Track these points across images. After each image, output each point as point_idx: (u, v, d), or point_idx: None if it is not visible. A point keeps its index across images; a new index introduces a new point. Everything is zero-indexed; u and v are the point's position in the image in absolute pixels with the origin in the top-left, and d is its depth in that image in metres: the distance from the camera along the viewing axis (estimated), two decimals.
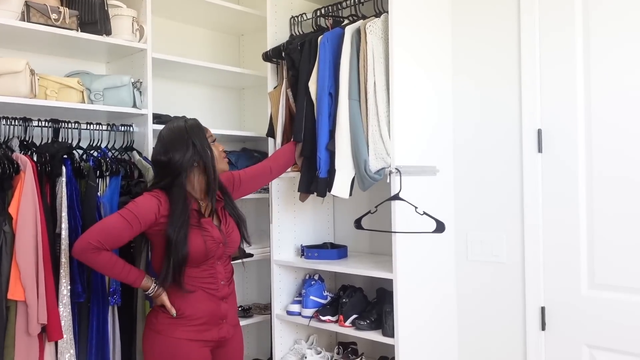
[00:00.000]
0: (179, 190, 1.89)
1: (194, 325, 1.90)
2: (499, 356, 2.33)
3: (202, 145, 1.94)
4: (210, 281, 1.94)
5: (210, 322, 1.94)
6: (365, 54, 2.14)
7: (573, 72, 2.12)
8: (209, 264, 1.94)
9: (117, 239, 1.84)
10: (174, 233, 1.83)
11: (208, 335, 1.93)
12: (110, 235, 1.82)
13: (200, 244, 1.89)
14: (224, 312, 1.97)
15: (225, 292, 1.98)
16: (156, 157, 1.96)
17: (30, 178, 1.98)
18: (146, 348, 1.94)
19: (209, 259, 1.93)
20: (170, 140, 1.94)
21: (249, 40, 3.31)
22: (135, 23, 2.43)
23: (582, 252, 2.11)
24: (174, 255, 1.84)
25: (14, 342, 1.94)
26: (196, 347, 1.90)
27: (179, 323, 1.89)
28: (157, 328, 1.90)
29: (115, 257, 1.87)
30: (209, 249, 1.91)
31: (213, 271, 1.95)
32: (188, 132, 1.94)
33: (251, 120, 3.30)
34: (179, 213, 1.85)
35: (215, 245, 1.93)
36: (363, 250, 2.79)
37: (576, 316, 2.13)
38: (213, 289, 1.94)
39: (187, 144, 1.92)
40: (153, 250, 1.99)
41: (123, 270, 1.88)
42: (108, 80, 2.37)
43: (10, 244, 1.95)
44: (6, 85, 2.03)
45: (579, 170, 2.11)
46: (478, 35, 2.38)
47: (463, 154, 2.43)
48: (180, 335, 1.88)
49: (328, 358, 2.56)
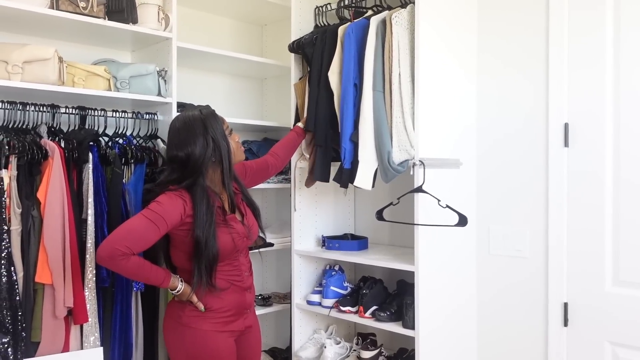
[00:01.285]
0: (202, 190, 1.82)
1: (222, 317, 1.90)
2: (519, 351, 2.32)
3: (220, 138, 1.86)
4: (236, 273, 1.94)
5: (237, 313, 1.95)
6: (391, 45, 2.13)
7: (602, 64, 2.09)
8: (234, 257, 1.94)
9: (143, 242, 1.74)
10: (202, 234, 1.77)
11: (234, 326, 1.94)
12: (137, 239, 1.71)
13: (229, 241, 1.86)
14: (249, 302, 1.99)
15: (249, 282, 2.00)
16: (173, 153, 1.86)
17: (58, 164, 2.02)
18: (172, 341, 1.91)
19: (233, 254, 1.93)
20: (187, 133, 1.84)
21: (272, 30, 3.31)
22: (161, 12, 2.45)
23: (607, 248, 2.08)
24: (205, 256, 1.79)
25: (41, 325, 1.99)
26: (224, 338, 1.90)
27: (206, 316, 1.88)
28: (183, 321, 1.87)
29: (142, 260, 1.78)
30: (237, 244, 1.89)
31: (237, 263, 1.95)
32: (205, 124, 1.85)
33: (273, 110, 3.31)
34: (205, 213, 1.79)
35: (241, 240, 1.92)
36: (383, 242, 2.79)
37: (599, 313, 2.10)
38: (238, 280, 1.95)
39: (205, 137, 1.83)
40: (174, 247, 1.91)
41: (150, 273, 1.80)
42: (134, 68, 2.39)
43: (38, 229, 1.99)
44: (35, 72, 2.06)
45: (606, 165, 2.08)
46: (504, 25, 2.35)
47: (486, 147, 2.41)
48: (207, 327, 1.87)
49: (347, 348, 2.58)
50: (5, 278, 1.91)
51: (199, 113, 1.89)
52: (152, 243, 1.76)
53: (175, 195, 1.79)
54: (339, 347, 2.54)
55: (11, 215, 1.95)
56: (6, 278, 1.92)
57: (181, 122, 1.89)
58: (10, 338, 1.90)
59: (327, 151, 2.35)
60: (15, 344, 1.92)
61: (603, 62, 2.09)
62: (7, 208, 1.94)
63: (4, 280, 1.91)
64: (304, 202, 2.67)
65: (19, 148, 1.98)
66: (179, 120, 1.90)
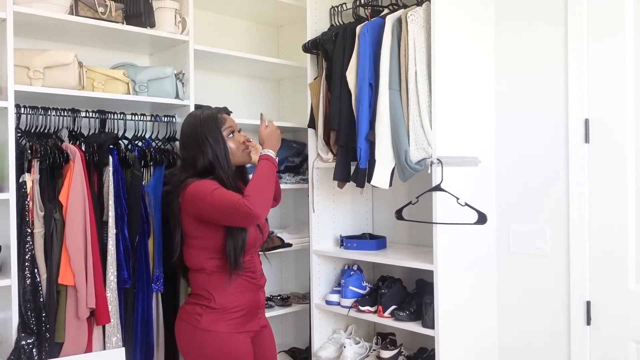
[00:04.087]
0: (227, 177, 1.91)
1: (236, 318, 1.92)
2: (541, 350, 2.29)
3: (214, 141, 1.92)
4: (252, 270, 1.97)
5: (250, 313, 1.96)
6: (407, 43, 2.12)
7: (623, 58, 2.05)
8: (250, 254, 1.96)
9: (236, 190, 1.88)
10: None
11: (249, 326, 1.96)
12: (232, 194, 1.81)
13: (253, 231, 1.92)
14: (262, 301, 2.02)
15: (263, 281, 2.03)
16: (182, 153, 2.02)
17: (79, 167, 2.05)
18: (190, 346, 1.91)
19: (251, 248, 1.95)
20: (188, 135, 1.97)
21: (288, 31, 3.32)
22: (177, 15, 2.47)
23: (630, 246, 2.05)
24: (235, 240, 1.86)
25: (64, 326, 2.02)
26: (242, 338, 1.92)
27: (221, 317, 1.89)
28: (202, 325, 1.88)
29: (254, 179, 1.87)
30: (257, 237, 1.95)
31: (253, 261, 1.98)
32: (202, 127, 1.93)
33: (290, 111, 3.32)
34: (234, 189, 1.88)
35: (259, 235, 1.96)
36: (402, 241, 2.78)
37: (623, 311, 2.07)
38: (253, 278, 1.97)
39: (202, 140, 1.91)
40: (193, 247, 1.94)
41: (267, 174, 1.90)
42: (152, 71, 2.42)
43: (61, 231, 2.02)
44: (56, 77, 2.10)
45: (628, 162, 2.05)
46: (522, 20, 2.32)
47: (505, 144, 2.38)
48: (225, 329, 1.88)
49: (367, 348, 2.57)
50: (29, 280, 1.95)
51: (200, 114, 1.97)
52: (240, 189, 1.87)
53: (207, 179, 1.87)
54: (358, 347, 2.54)
55: (34, 219, 1.99)
56: (30, 280, 1.95)
57: (186, 123, 2.00)
58: (35, 339, 1.93)
59: (347, 151, 2.34)
60: (40, 344, 1.96)
61: (624, 56, 2.05)
62: (30, 211, 1.98)
63: (28, 282, 1.95)
64: (322, 202, 2.68)
65: (41, 152, 2.02)
66: (185, 120, 2.01)
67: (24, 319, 1.93)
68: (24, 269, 1.94)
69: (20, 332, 1.92)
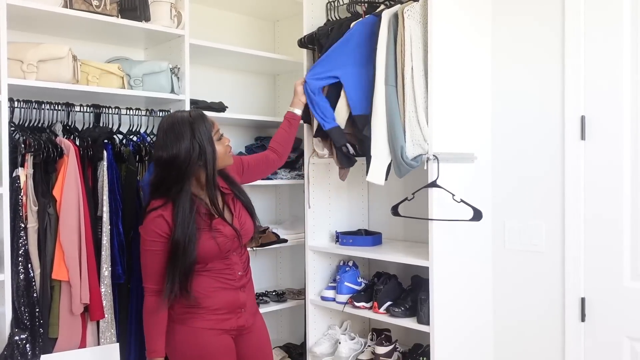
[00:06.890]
0: (186, 196, 1.79)
1: (214, 315, 1.88)
2: (536, 346, 2.30)
3: (206, 143, 1.81)
4: (228, 272, 1.91)
5: (230, 312, 1.92)
6: (403, 39, 2.11)
7: (619, 55, 2.05)
8: (225, 256, 1.90)
9: (160, 271, 1.80)
10: (181, 240, 1.76)
11: (227, 324, 1.91)
12: (154, 272, 1.80)
13: (212, 245, 1.84)
14: (243, 301, 1.95)
15: (242, 282, 1.95)
16: (158, 154, 1.81)
17: (73, 162, 2.04)
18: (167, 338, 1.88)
19: (224, 254, 1.90)
20: (173, 135, 1.79)
21: (284, 26, 3.30)
22: (173, 9, 2.46)
23: (625, 242, 2.05)
24: (182, 261, 1.77)
25: (58, 321, 2.02)
26: (216, 334, 1.88)
27: (198, 314, 1.86)
28: (174, 319, 1.87)
29: (163, 322, 1.85)
30: (222, 247, 1.86)
31: (229, 262, 1.92)
32: (192, 128, 1.80)
33: (285, 106, 3.27)
34: (184, 219, 1.77)
35: (229, 242, 1.89)
36: (397, 237, 2.78)
37: (617, 307, 2.07)
38: (230, 279, 1.91)
39: (192, 141, 1.79)
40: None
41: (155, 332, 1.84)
42: (147, 66, 2.40)
43: (55, 226, 2.01)
44: (50, 70, 2.08)
45: (623, 159, 2.05)
46: (519, 16, 2.32)
47: (501, 140, 2.38)
48: (200, 325, 1.86)
49: (362, 344, 2.57)
50: (22, 275, 1.94)
51: (187, 115, 1.84)
52: (164, 264, 1.80)
53: (153, 217, 1.80)
54: (353, 343, 2.54)
55: (28, 213, 1.98)
56: (23, 275, 1.94)
57: (169, 123, 1.83)
58: (29, 334, 1.92)
59: None
60: (33, 340, 1.95)
61: (620, 53, 2.05)
62: (24, 206, 1.96)
63: (22, 278, 1.94)
64: (318, 198, 2.67)
65: (35, 146, 2.01)
66: (166, 121, 1.85)
67: (18, 314, 1.93)
68: (18, 264, 1.93)
69: (13, 327, 1.91)
